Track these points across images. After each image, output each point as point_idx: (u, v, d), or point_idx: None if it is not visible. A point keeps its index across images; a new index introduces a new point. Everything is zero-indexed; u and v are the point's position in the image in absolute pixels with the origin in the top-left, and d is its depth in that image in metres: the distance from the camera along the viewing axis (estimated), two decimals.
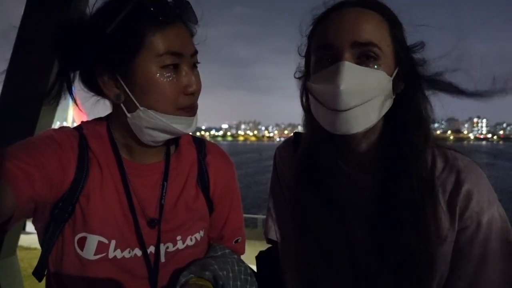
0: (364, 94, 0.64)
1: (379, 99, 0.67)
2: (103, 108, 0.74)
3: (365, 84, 0.64)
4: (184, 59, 0.67)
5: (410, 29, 0.71)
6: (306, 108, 0.77)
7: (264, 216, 0.91)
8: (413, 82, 0.70)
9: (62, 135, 0.69)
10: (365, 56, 0.65)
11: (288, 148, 0.89)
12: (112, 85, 0.66)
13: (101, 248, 0.67)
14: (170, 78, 0.66)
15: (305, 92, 0.76)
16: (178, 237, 0.74)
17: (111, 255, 0.67)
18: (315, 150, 0.76)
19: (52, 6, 1.34)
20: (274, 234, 0.87)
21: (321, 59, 0.68)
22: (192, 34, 0.72)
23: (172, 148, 0.78)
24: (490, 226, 0.65)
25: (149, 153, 0.74)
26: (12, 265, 1.50)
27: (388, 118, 0.70)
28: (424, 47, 0.71)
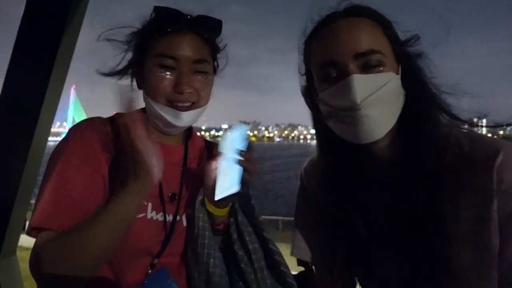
0: (380, 100, 0.65)
1: (393, 99, 0.68)
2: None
3: (378, 90, 0.64)
4: (182, 63, 0.80)
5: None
6: (318, 123, 0.79)
7: (262, 217, 0.91)
8: (415, 75, 0.71)
9: (91, 134, 0.80)
10: (369, 63, 0.66)
11: (313, 164, 0.92)
12: (136, 76, 0.87)
13: (142, 208, 0.80)
14: (165, 75, 0.80)
15: (315, 109, 0.77)
16: None
17: (149, 215, 0.81)
18: (340, 160, 0.76)
19: (52, 6, 1.33)
20: (303, 253, 0.86)
21: (326, 76, 0.69)
22: (209, 44, 0.87)
23: (188, 138, 0.98)
24: None
25: (170, 139, 0.91)
26: (12, 265, 1.50)
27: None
28: (419, 40, 0.72)
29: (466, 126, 0.73)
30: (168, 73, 0.80)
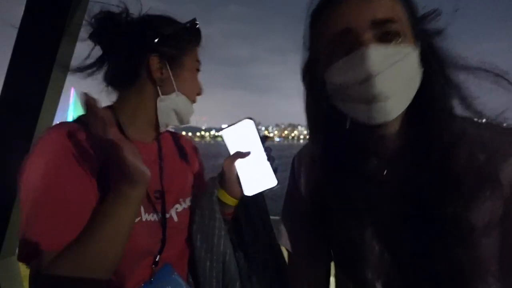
0: (397, 75, 0.58)
1: (410, 77, 0.61)
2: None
3: (395, 64, 0.57)
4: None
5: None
6: (315, 107, 0.71)
7: None
8: (433, 55, 0.64)
9: (71, 150, 0.74)
10: (387, 34, 0.59)
11: (306, 152, 0.87)
12: (158, 70, 0.85)
13: (137, 212, 0.79)
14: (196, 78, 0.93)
15: (316, 87, 0.69)
16: (181, 199, 0.94)
17: (144, 218, 0.82)
18: (343, 147, 0.69)
19: (52, 6, 1.34)
20: (286, 242, 0.86)
21: (337, 48, 0.62)
22: None
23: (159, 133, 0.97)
24: None
25: (146, 136, 0.92)
26: (12, 265, 1.50)
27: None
28: (440, 15, 0.64)
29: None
30: (196, 75, 0.93)
